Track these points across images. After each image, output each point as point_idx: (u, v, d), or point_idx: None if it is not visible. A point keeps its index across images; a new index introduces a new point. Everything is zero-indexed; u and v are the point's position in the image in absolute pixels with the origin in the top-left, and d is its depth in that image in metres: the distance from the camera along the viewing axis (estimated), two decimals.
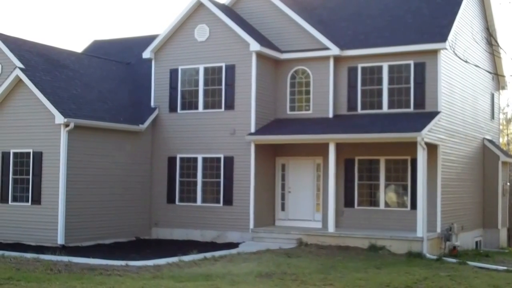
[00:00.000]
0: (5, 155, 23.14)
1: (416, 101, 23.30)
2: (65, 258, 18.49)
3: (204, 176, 24.81)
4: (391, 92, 23.70)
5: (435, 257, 20.58)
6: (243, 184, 23.94)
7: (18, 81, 22.83)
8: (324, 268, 17.57)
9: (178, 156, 25.31)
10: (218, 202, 24.49)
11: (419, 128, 21.25)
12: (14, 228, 22.68)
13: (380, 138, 22.02)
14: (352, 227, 23.65)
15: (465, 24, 25.48)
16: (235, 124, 24.27)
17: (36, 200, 22.42)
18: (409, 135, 21.36)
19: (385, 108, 23.76)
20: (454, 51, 21.88)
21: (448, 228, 22.80)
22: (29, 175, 22.64)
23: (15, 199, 22.90)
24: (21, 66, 23.01)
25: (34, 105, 22.55)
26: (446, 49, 22.93)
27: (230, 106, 24.45)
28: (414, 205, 22.36)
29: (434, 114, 22.68)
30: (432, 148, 22.42)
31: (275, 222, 25.06)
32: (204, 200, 24.79)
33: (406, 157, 23.23)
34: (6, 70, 23.62)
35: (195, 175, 24.94)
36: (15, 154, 22.98)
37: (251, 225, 23.69)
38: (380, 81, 23.88)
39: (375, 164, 23.84)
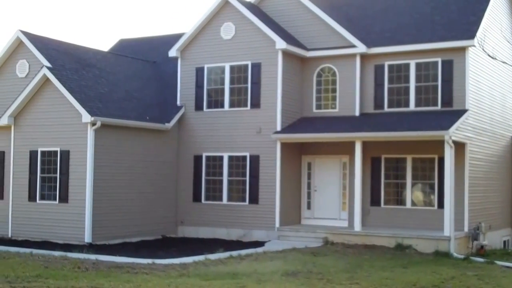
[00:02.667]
0: (33, 153, 23.33)
1: (443, 99, 23.08)
2: (92, 256, 18.58)
3: (230, 174, 24.81)
4: (418, 90, 23.51)
5: (462, 256, 20.37)
6: (269, 183, 23.90)
7: (46, 80, 23.01)
8: (350, 267, 17.46)
9: (204, 154, 25.34)
10: (244, 200, 24.47)
11: (447, 127, 21.05)
12: (41, 227, 22.87)
13: (407, 136, 21.84)
14: (378, 226, 23.50)
15: (494, 21, 25.17)
16: (261, 123, 24.24)
17: (64, 198, 22.58)
18: (436, 133, 21.16)
19: (412, 106, 23.57)
20: (482, 48, 21.61)
21: (475, 227, 22.56)
22: (56, 173, 22.81)
23: (42, 197, 23.09)
24: (49, 65, 23.19)
25: (61, 104, 22.71)
26: (474, 46, 22.67)
27: (256, 104, 24.42)
28: (441, 204, 22.17)
29: (461, 112, 22.44)
30: (459, 147, 22.19)
31: (301, 221, 24.99)
32: (230, 198, 24.78)
33: (433, 156, 23.02)
34: (34, 69, 23.85)
35: (221, 174, 24.95)
36: (42, 152, 23.17)
37: (277, 224, 23.64)
38: (407, 79, 23.69)
39: (401, 163, 23.66)
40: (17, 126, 23.70)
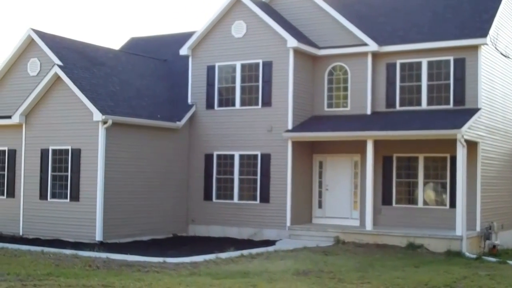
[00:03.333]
0: (44, 152, 23.36)
1: (455, 98, 22.96)
2: (103, 255, 18.62)
3: (241, 173, 24.76)
4: (430, 88, 23.39)
5: (474, 256, 20.27)
6: (280, 182, 23.85)
7: (57, 78, 23.04)
8: (362, 266, 17.40)
9: (215, 153, 25.31)
10: (255, 199, 24.42)
11: (459, 125, 20.92)
12: (52, 225, 22.91)
13: (419, 135, 21.73)
14: (390, 225, 23.40)
15: (507, 19, 24.99)
16: (272, 121, 24.18)
17: (75, 196, 22.60)
18: (448, 132, 21.03)
19: (424, 105, 23.46)
20: (495, 47, 21.48)
21: (488, 227, 22.46)
22: (67, 172, 22.83)
23: (53, 195, 23.12)
24: (60, 63, 23.22)
25: (72, 102, 22.72)
26: (487, 44, 22.55)
27: (267, 103, 24.37)
28: (453, 203, 22.04)
29: (474, 111, 22.31)
30: (472, 146, 22.07)
31: (312, 219, 24.92)
32: (241, 197, 24.74)
33: (445, 155, 22.91)
34: (45, 68, 23.88)
35: (232, 172, 24.91)
36: (53, 151, 23.20)
37: (288, 223, 23.59)
38: (419, 78, 23.57)
39: (413, 162, 23.56)
40: (28, 125, 23.74)
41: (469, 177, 21.91)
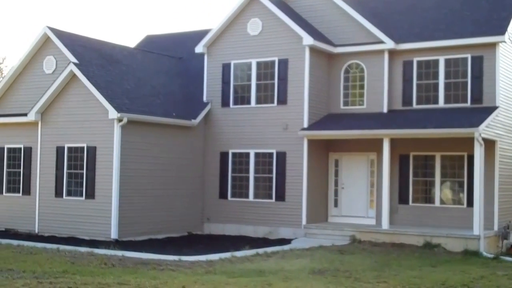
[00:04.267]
0: (60, 149, 23.40)
1: (473, 96, 22.78)
2: (119, 253, 18.63)
3: (256, 171, 24.68)
4: (447, 86, 23.21)
5: (492, 255, 20.10)
6: (296, 180, 23.75)
7: (72, 76, 23.06)
8: (378, 265, 17.30)
9: (230, 151, 25.25)
10: (270, 197, 24.34)
11: (476, 124, 20.73)
12: (68, 223, 22.95)
13: (436, 133, 21.56)
14: (406, 224, 23.26)
15: None
16: (287, 119, 24.09)
17: (90, 194, 22.62)
18: (466, 130, 20.84)
19: (441, 103, 23.28)
20: None
21: (505, 226, 22.35)
22: (83, 169, 22.86)
23: (69, 193, 23.15)
24: (75, 61, 23.23)
25: (88, 100, 22.74)
26: (505, 42, 22.39)
27: (282, 101, 24.27)
28: (470, 203, 21.88)
29: (492, 109, 22.13)
30: (489, 144, 21.88)
31: (328, 218, 24.81)
32: (256, 195, 24.67)
33: (462, 153, 22.74)
34: (61, 65, 23.92)
35: (247, 171, 24.84)
36: (69, 148, 23.23)
37: (304, 221, 23.50)
38: (436, 75, 23.40)
39: (430, 160, 23.38)
40: (44, 122, 23.80)
41: (487, 176, 21.73)
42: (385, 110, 24.01)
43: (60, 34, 24.42)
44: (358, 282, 14.58)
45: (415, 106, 23.74)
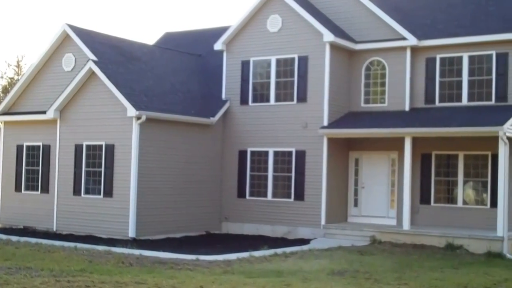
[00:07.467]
0: (78, 147, 23.35)
1: (498, 94, 22.40)
2: (136, 251, 18.63)
3: (275, 170, 24.46)
4: (471, 84, 22.82)
5: None
6: (315, 179, 23.50)
7: (91, 73, 23.00)
8: (399, 267, 17.10)
9: (249, 149, 25.05)
10: (289, 197, 24.11)
11: (501, 122, 20.35)
12: (86, 221, 22.93)
13: (459, 132, 21.20)
14: (428, 225, 22.94)
15: None
16: (307, 117, 23.85)
17: (108, 192, 22.54)
18: (490, 129, 20.47)
19: (464, 101, 22.91)
20: None
21: None
22: (101, 167, 22.78)
23: (87, 191, 23.10)
24: (94, 58, 23.17)
25: (106, 97, 22.67)
26: None
27: (302, 98, 24.02)
28: (494, 203, 21.52)
29: None
30: None
31: (348, 218, 24.54)
32: (274, 194, 24.45)
33: (486, 153, 22.37)
34: (80, 63, 23.88)
35: (266, 169, 24.62)
36: (87, 146, 23.17)
37: (323, 221, 23.25)
38: (459, 73, 23.02)
39: (453, 160, 23.03)
40: (63, 120, 23.78)
41: (511, 175, 21.29)
42: (407, 108, 23.67)
43: (79, 32, 24.36)
44: (378, 284, 14.38)
45: (437, 104, 23.38)
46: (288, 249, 19.88)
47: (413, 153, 22.47)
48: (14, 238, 21.20)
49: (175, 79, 25.91)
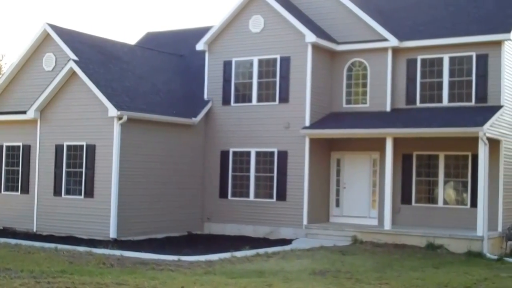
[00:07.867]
0: (59, 147, 23.21)
1: (478, 95, 22.55)
2: (117, 252, 18.53)
3: (257, 170, 24.47)
4: (452, 85, 22.96)
5: (495, 257, 19.95)
6: (297, 179, 23.53)
7: (72, 73, 22.87)
8: (380, 266, 17.18)
9: (231, 150, 25.03)
10: (271, 197, 24.12)
11: (481, 123, 20.51)
12: (66, 221, 22.78)
13: (439, 133, 21.34)
14: (409, 224, 23.05)
15: None
16: (289, 118, 23.87)
17: (89, 193, 22.42)
18: (470, 130, 20.62)
19: (445, 102, 23.05)
20: None
21: (509, 227, 22.24)
22: (82, 168, 22.66)
23: (68, 192, 22.96)
24: (75, 58, 23.04)
25: (87, 97, 22.55)
26: (510, 40, 22.15)
27: (284, 99, 24.04)
28: (474, 203, 21.68)
29: (496, 108, 21.92)
30: (494, 144, 21.68)
31: (329, 218, 24.60)
32: (257, 195, 24.45)
33: (466, 153, 22.53)
34: (60, 63, 23.75)
35: (248, 170, 24.62)
36: (68, 147, 23.03)
37: (305, 221, 23.28)
38: (440, 74, 23.16)
39: (434, 160, 23.17)
40: (43, 120, 23.62)
41: (491, 176, 21.52)
42: (388, 109, 23.78)
43: (60, 31, 24.21)
44: (360, 283, 14.42)
45: (418, 105, 23.50)
46: (270, 249, 19.87)
47: (394, 154, 22.55)
48: None
49: (157, 79, 25.83)
